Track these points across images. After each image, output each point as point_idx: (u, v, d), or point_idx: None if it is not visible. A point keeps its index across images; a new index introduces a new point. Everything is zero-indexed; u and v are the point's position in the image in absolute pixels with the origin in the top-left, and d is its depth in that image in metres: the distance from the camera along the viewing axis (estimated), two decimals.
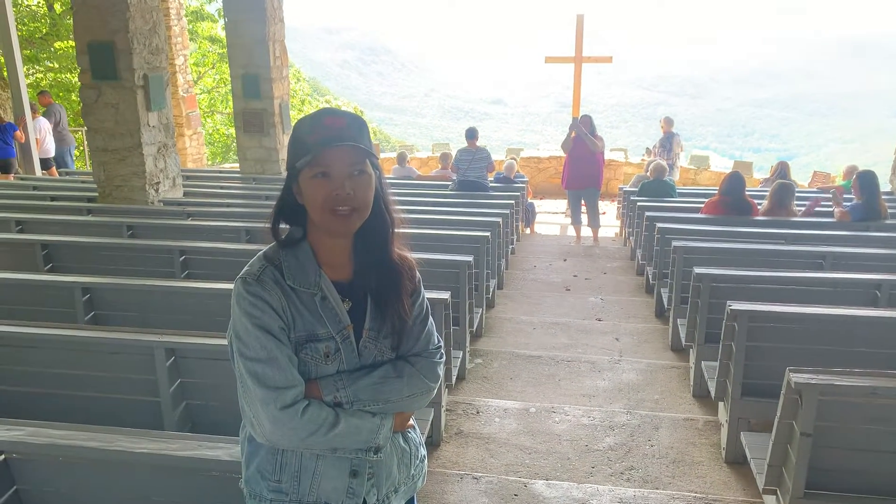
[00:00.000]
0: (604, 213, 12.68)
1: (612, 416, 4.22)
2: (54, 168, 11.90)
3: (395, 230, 1.73)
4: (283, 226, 1.71)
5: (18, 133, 11.49)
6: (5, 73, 11.84)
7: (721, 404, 3.96)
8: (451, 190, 9.34)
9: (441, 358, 1.76)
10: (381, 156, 15.56)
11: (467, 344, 4.92)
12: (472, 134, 9.45)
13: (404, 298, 1.72)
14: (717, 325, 4.03)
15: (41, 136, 11.83)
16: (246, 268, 1.65)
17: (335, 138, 1.56)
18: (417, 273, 1.81)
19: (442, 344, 1.80)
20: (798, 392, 2.64)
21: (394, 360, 1.70)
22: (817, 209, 7.30)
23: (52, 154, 11.95)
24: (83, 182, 9.39)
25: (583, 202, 9.88)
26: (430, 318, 1.80)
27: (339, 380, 1.62)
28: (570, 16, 13.71)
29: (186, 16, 16.14)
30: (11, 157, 11.50)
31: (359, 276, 1.71)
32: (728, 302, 3.67)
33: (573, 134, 9.46)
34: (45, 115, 11.76)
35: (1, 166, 11.39)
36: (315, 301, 1.63)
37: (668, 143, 12.01)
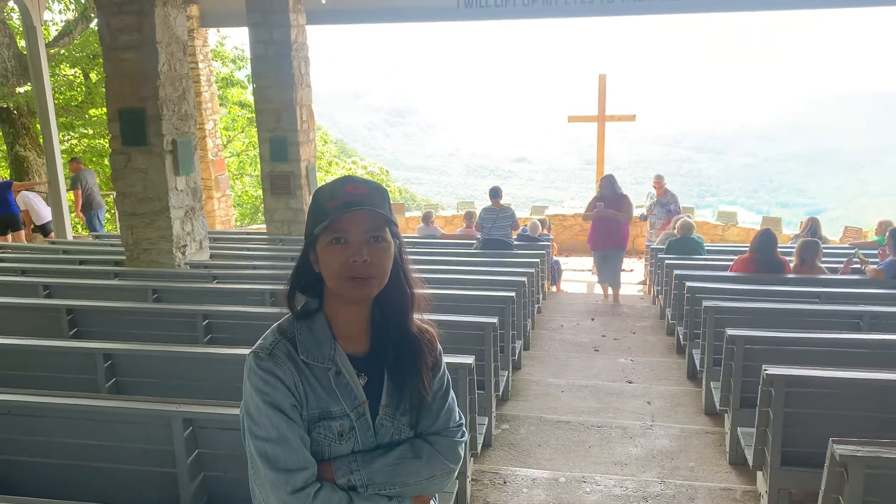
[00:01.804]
0: (631, 271, 12.54)
1: (646, 486, 4.04)
2: (53, 234, 12.03)
3: (415, 301, 1.67)
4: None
5: (16, 184, 12.01)
6: (41, 140, 12.14)
7: (760, 473, 3.78)
8: (475, 249, 9.31)
9: (463, 437, 1.67)
10: (407, 214, 15.61)
11: (493, 409, 4.78)
12: (495, 193, 9.47)
13: (424, 373, 1.64)
14: (752, 389, 3.87)
15: (29, 206, 12.26)
16: (259, 341, 1.60)
17: (354, 203, 1.51)
18: (438, 345, 1.73)
19: (464, 421, 1.71)
20: (843, 465, 2.49)
21: (412, 439, 1.62)
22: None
23: (47, 219, 12.05)
24: (112, 245, 9.51)
25: None
26: (452, 393, 1.72)
27: (353, 461, 1.53)
28: (593, 75, 13.82)
29: (217, 82, 16.57)
30: (15, 213, 11.71)
31: (376, 350, 1.64)
32: (764, 366, 3.53)
33: (595, 207, 9.36)
34: (71, 181, 12.00)
35: (6, 224, 11.61)
36: (329, 376, 1.56)
37: (668, 203, 11.18)
